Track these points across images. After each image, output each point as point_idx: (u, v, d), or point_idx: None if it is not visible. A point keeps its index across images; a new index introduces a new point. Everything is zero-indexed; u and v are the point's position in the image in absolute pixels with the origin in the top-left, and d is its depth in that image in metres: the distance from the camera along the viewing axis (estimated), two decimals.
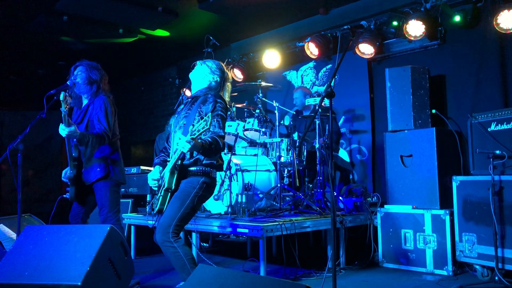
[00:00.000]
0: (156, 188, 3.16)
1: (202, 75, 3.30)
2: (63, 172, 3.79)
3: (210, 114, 2.83)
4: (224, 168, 4.41)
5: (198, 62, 3.36)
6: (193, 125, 2.82)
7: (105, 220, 3.63)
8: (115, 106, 3.78)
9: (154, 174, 3.17)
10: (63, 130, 3.40)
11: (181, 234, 3.10)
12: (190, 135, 2.75)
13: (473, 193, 3.90)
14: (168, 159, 3.18)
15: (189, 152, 3.00)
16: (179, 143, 2.81)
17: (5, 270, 2.92)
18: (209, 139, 2.93)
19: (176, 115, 3.34)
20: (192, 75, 3.35)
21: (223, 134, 3.05)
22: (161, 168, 3.19)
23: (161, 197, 3.05)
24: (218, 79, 3.30)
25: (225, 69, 3.37)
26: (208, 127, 2.76)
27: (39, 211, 5.54)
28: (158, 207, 3.05)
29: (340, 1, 5.73)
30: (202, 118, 2.97)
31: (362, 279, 3.95)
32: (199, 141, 2.85)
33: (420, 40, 5.09)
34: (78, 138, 3.45)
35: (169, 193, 3.04)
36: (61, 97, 3.36)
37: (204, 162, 3.08)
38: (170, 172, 3.02)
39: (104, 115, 3.64)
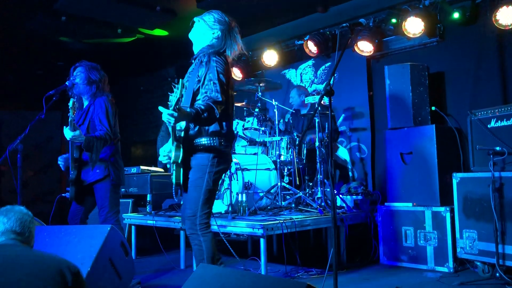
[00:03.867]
0: (168, 164, 2.97)
1: (201, 32, 2.96)
2: (59, 158, 3.80)
3: (181, 80, 2.57)
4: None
5: (195, 18, 2.99)
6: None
7: (104, 221, 3.64)
8: (116, 107, 3.79)
9: (165, 148, 2.93)
10: (67, 134, 3.44)
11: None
12: (173, 107, 2.51)
13: (473, 189, 3.90)
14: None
15: (192, 123, 2.81)
16: (162, 116, 2.55)
17: None
18: (202, 107, 2.64)
19: None
20: (191, 35, 3.01)
21: (220, 99, 2.70)
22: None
23: (174, 171, 2.85)
24: (220, 33, 2.94)
25: (228, 19, 2.99)
26: (178, 95, 2.50)
27: (38, 212, 5.52)
28: (174, 181, 2.86)
29: None
30: (199, 81, 2.78)
31: (363, 277, 3.95)
32: (188, 110, 2.60)
33: (419, 37, 5.09)
34: (84, 144, 3.48)
35: (181, 167, 2.82)
36: (70, 104, 3.45)
37: (210, 131, 2.82)
38: (175, 146, 2.78)
39: (105, 116, 3.65)
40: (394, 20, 5.18)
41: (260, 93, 5.32)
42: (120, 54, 7.58)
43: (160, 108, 2.57)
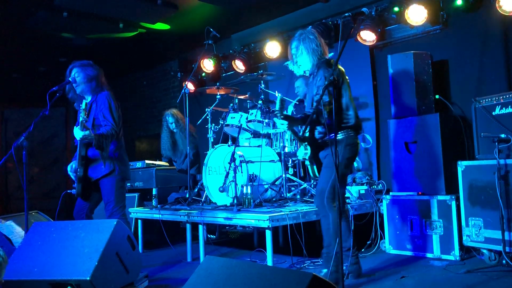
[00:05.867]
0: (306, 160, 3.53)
1: (304, 58, 3.51)
2: (69, 166, 3.81)
3: (279, 96, 3.27)
4: (229, 160, 4.42)
5: (291, 58, 3.59)
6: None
7: (111, 215, 3.67)
8: (117, 101, 3.80)
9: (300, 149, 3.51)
10: (78, 134, 3.49)
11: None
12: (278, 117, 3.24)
13: (478, 177, 3.88)
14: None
15: (304, 126, 3.34)
16: (276, 125, 3.26)
17: (15, 267, 2.95)
18: (310, 111, 3.25)
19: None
20: (299, 60, 3.56)
21: (327, 99, 3.20)
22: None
23: (309, 165, 3.50)
24: (315, 46, 3.48)
25: (312, 35, 3.53)
26: (278, 106, 3.25)
27: (45, 208, 5.57)
28: (312, 174, 3.52)
29: None
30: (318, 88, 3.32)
31: (369, 266, 3.96)
32: (297, 116, 3.27)
33: (422, 26, 5.05)
34: (95, 143, 3.51)
35: (313, 163, 3.42)
36: (82, 105, 3.48)
37: (340, 125, 3.34)
38: (303, 146, 3.39)
39: (109, 111, 3.67)
40: (396, 9, 5.14)
41: (263, 85, 5.31)
42: (122, 49, 7.58)
43: (274, 119, 3.32)
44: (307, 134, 3.40)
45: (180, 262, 4.64)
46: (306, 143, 3.37)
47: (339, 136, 3.37)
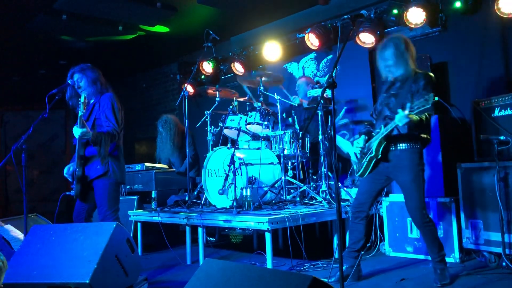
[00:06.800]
0: (359, 155, 3.53)
1: (399, 64, 3.45)
2: (65, 168, 3.80)
3: (431, 95, 3.06)
4: (228, 163, 4.42)
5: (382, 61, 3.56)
6: (411, 102, 3.09)
7: (103, 219, 3.64)
8: (120, 103, 3.80)
9: (359, 142, 3.52)
10: (76, 132, 3.47)
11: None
12: (409, 111, 3.06)
13: (478, 179, 3.88)
14: (373, 130, 3.50)
15: (398, 127, 3.28)
16: (397, 116, 3.14)
17: (14, 270, 2.95)
18: (421, 115, 3.22)
19: (383, 94, 3.58)
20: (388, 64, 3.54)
21: (429, 105, 3.19)
22: (366, 137, 3.51)
23: (365, 162, 3.44)
24: (409, 56, 3.43)
25: (403, 43, 3.45)
26: (429, 105, 3.02)
27: (45, 211, 5.57)
28: (361, 171, 3.49)
29: None
30: (412, 95, 3.26)
31: (369, 269, 3.95)
32: (415, 117, 3.17)
33: (421, 28, 5.05)
34: (92, 139, 3.48)
35: (374, 160, 3.39)
36: (81, 99, 3.43)
37: (417, 135, 3.33)
38: (379, 141, 3.34)
39: (111, 112, 3.67)
40: (395, 11, 5.15)
41: (262, 88, 5.31)
42: (122, 52, 7.59)
43: (399, 110, 3.15)
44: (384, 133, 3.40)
45: (180, 264, 4.64)
46: (384, 141, 3.35)
47: (417, 146, 3.40)
